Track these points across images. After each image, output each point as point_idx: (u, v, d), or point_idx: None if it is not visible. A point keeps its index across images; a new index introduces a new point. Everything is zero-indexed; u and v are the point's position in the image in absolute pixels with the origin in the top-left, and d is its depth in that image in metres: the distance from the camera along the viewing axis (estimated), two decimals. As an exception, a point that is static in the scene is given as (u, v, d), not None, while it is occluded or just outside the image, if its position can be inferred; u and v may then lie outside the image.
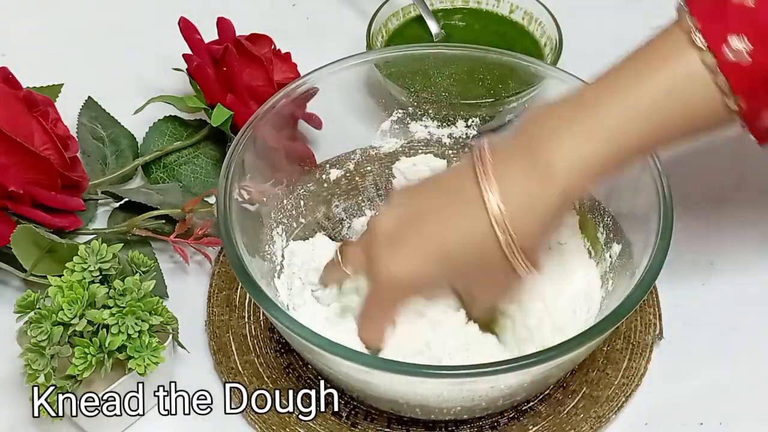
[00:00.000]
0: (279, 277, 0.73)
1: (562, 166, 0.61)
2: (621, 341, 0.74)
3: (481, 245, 0.63)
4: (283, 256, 0.75)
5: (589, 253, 0.74)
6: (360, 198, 0.82)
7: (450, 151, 0.82)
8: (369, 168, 0.82)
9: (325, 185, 0.81)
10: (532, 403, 0.71)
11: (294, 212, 0.78)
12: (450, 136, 0.82)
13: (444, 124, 0.82)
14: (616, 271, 0.71)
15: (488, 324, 0.70)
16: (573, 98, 0.63)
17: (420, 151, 0.82)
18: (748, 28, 0.58)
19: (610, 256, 0.72)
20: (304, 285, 0.72)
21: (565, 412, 0.70)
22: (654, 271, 0.64)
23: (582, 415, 0.70)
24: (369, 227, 0.68)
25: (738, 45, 0.58)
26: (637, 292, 0.63)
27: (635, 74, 0.61)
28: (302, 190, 0.79)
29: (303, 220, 0.78)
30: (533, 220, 0.62)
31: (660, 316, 0.75)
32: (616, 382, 0.72)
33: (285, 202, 0.77)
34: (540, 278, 0.68)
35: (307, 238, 0.76)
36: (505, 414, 0.70)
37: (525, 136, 0.63)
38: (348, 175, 0.82)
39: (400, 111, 0.82)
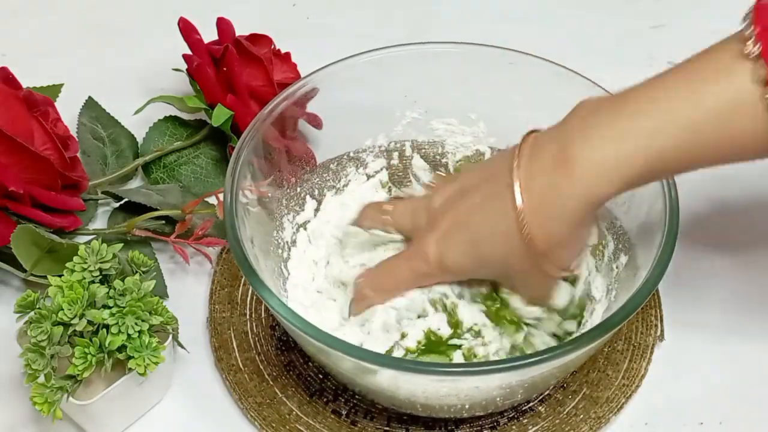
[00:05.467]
0: (290, 260, 0.75)
1: (584, 163, 0.58)
2: (622, 342, 0.74)
3: (507, 240, 0.61)
4: (293, 240, 0.76)
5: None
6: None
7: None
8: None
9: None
10: (532, 404, 0.71)
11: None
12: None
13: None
14: (620, 281, 0.70)
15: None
16: (615, 96, 0.60)
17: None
18: None
19: (616, 267, 0.72)
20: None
21: (565, 412, 0.70)
22: (654, 280, 0.63)
23: (582, 416, 0.70)
24: (426, 197, 0.67)
25: None
26: (639, 296, 0.62)
27: (683, 81, 0.56)
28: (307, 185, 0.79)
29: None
30: (555, 215, 0.59)
31: (661, 317, 0.75)
32: (616, 383, 0.72)
33: (299, 189, 0.77)
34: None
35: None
36: (505, 414, 0.70)
37: (561, 127, 0.60)
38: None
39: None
